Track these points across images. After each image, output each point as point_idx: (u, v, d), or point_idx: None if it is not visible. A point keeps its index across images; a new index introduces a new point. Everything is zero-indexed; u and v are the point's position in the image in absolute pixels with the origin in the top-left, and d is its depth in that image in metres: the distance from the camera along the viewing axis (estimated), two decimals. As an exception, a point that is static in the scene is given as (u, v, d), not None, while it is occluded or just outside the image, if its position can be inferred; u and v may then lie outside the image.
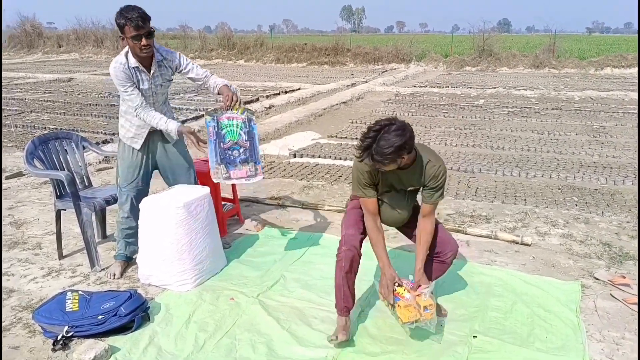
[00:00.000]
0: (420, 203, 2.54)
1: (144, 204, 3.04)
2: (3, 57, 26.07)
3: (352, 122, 8.53)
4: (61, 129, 7.63)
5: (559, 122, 8.27)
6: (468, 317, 2.69)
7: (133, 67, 2.95)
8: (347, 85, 13.75)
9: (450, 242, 2.56)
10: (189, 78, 3.17)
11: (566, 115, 8.87)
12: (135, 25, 2.79)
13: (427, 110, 9.60)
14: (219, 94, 3.11)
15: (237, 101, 2.96)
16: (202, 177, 3.48)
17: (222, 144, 2.90)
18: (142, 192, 3.22)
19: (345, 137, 7.37)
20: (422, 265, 2.47)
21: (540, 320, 2.67)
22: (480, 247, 3.55)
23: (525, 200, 4.54)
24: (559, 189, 4.89)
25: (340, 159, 6.19)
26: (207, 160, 3.94)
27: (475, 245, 3.59)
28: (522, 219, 4.04)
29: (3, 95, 11.46)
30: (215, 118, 2.96)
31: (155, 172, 3.32)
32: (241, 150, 2.92)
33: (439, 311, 2.62)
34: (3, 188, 4.97)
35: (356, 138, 7.24)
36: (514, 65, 18.64)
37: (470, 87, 12.97)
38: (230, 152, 2.91)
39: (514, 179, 5.28)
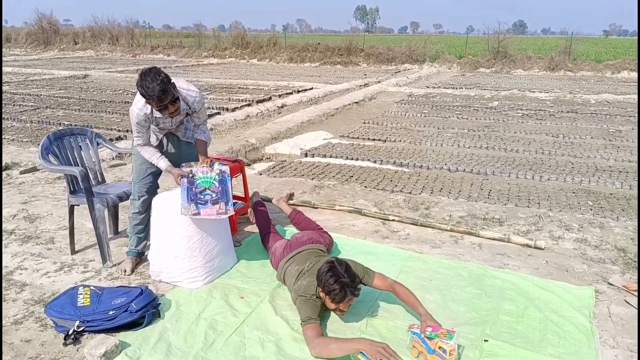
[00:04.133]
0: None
1: (156, 201, 3.06)
2: (21, 53, 26.41)
3: (364, 122, 8.51)
4: (76, 125, 7.71)
5: (574, 125, 8.17)
6: (479, 321, 2.66)
7: (156, 117, 2.98)
8: (360, 86, 13.72)
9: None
10: (192, 118, 3.19)
11: (582, 119, 8.76)
12: (157, 100, 2.75)
13: (440, 111, 9.54)
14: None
15: (210, 163, 3.09)
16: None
17: (194, 189, 2.99)
18: (153, 188, 3.28)
19: (357, 137, 7.34)
20: (423, 310, 2.55)
21: (552, 325, 2.64)
22: (493, 251, 3.51)
23: (539, 203, 4.49)
24: (574, 192, 4.83)
25: (352, 159, 6.16)
26: (219, 159, 3.96)
27: (487, 248, 3.55)
28: (535, 223, 4.00)
29: (20, 91, 11.61)
30: (191, 171, 3.03)
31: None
32: (213, 194, 3.00)
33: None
34: (18, 182, 5.03)
35: (368, 138, 7.23)
36: (529, 67, 18.48)
37: (485, 89, 12.87)
38: (201, 196, 2.99)
39: (527, 182, 5.22)
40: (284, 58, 22.12)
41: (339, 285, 2.48)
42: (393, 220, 4.03)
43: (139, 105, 2.91)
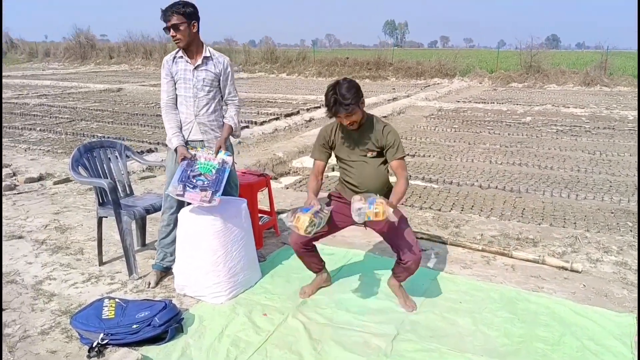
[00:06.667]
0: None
1: (182, 214, 3.06)
2: (59, 67, 27.41)
3: (392, 137, 8.41)
4: (109, 137, 7.88)
5: (612, 142, 7.90)
6: (512, 348, 2.54)
7: (179, 57, 3.07)
8: (389, 100, 13.65)
9: (411, 251, 2.73)
10: (221, 88, 3.25)
11: (619, 135, 8.47)
12: (163, 19, 2.97)
13: (471, 126, 9.37)
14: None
15: (217, 150, 3.08)
16: (242, 190, 3.48)
17: (190, 171, 3.01)
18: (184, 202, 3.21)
19: (386, 152, 7.26)
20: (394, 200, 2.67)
21: (590, 354, 2.49)
22: (527, 272, 3.37)
23: (575, 223, 4.31)
24: (612, 212, 4.62)
25: (380, 174, 6.08)
26: (245, 172, 3.96)
27: (521, 270, 3.42)
28: (572, 244, 3.83)
29: (57, 103, 11.99)
30: (195, 155, 3.07)
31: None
32: (205, 181, 3.00)
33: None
34: (51, 193, 5.14)
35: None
36: (563, 82, 18.07)
37: (517, 104, 12.62)
38: (193, 180, 2.99)
39: (563, 201, 5.04)
40: (313, 72, 22.24)
41: (332, 98, 2.58)
42: (421, 238, 3.92)
43: (171, 53, 3.11)
